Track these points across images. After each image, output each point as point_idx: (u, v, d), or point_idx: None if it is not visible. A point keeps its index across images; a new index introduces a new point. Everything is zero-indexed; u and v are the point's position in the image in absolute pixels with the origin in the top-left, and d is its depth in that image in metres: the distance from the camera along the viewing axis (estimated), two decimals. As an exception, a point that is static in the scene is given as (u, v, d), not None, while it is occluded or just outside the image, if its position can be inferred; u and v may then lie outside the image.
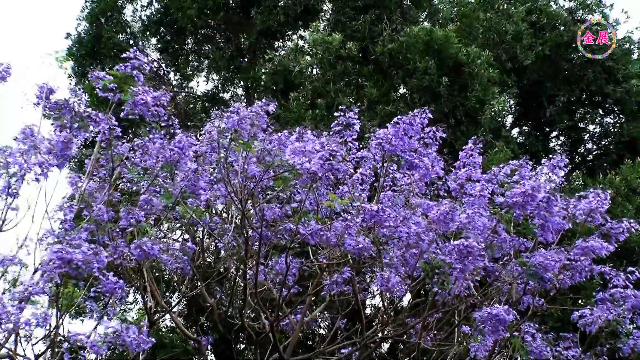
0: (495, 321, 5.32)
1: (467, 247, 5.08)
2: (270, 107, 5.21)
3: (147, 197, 5.35)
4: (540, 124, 13.81)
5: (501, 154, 9.93)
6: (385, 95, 11.33)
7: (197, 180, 5.23)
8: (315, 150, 5.03)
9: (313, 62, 11.53)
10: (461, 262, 5.11)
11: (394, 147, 5.63)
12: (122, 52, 13.00)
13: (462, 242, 5.11)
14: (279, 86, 11.99)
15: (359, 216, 5.11)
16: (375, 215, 5.07)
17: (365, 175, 6.21)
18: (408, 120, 5.60)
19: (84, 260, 4.08)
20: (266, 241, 5.87)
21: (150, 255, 4.77)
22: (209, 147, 5.66)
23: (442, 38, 10.83)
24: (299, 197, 6.07)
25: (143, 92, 4.96)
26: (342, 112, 5.87)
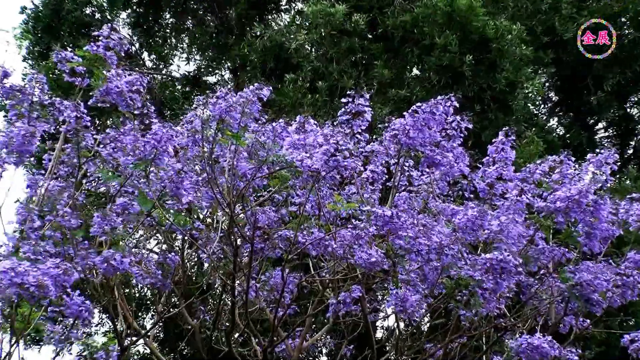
0: (536, 353, 5.28)
1: (501, 262, 5.05)
2: (263, 92, 5.20)
3: (125, 201, 5.35)
4: (583, 111, 13.80)
5: (532, 146, 9.94)
6: (398, 77, 11.33)
7: (181, 181, 5.22)
8: (317, 143, 5.01)
9: (312, 38, 11.51)
10: (494, 280, 5.08)
11: (412, 140, 5.63)
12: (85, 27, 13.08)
13: (496, 256, 5.07)
14: (269, 66, 11.98)
15: (371, 223, 5.08)
16: (388, 222, 5.05)
17: (377, 173, 6.20)
18: (429, 108, 5.59)
19: (37, 284, 4.05)
20: (259, 252, 5.86)
21: (120, 269, 4.77)
22: (190, 139, 5.66)
23: (465, 8, 10.80)
24: (298, 200, 6.07)
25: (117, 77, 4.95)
26: (351, 98, 5.86)
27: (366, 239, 5.07)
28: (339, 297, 5.57)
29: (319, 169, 4.85)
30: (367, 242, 5.09)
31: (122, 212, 5.34)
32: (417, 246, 5.11)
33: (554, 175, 6.07)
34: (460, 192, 6.62)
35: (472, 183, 6.49)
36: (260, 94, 5.20)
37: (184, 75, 14.17)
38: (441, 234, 5.23)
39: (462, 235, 5.42)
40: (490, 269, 5.08)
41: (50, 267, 4.20)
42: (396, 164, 6.01)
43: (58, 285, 4.19)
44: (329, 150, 4.84)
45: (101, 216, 5.06)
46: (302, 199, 5.93)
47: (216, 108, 5.07)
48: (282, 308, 6.25)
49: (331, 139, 4.93)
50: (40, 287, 4.07)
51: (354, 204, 5.58)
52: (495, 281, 5.07)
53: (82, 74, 5.08)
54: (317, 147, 5.04)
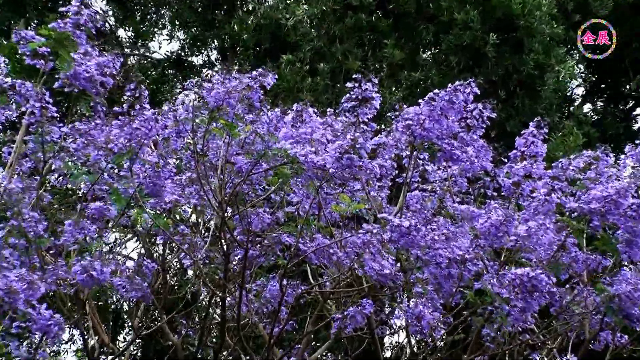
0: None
1: (532, 279, 5.02)
2: (267, 80, 5.19)
3: (101, 206, 5.33)
4: (620, 97, 13.79)
5: (571, 138, 9.93)
6: (410, 58, 11.31)
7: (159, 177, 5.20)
8: (326, 138, 4.99)
9: (313, 13, 11.49)
10: (523, 298, 5.04)
11: (427, 131, 5.62)
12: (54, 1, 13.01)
13: (527, 273, 5.03)
14: (264, 46, 11.95)
15: (385, 232, 5.04)
16: (405, 234, 5.00)
17: (386, 167, 6.19)
18: (447, 96, 5.57)
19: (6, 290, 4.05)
20: (252, 259, 5.85)
21: (100, 280, 4.74)
22: (173, 130, 5.63)
23: (488, -20, 10.84)
24: (296, 199, 6.05)
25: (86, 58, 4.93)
26: (357, 82, 5.84)
27: (378, 246, 5.03)
28: (346, 312, 5.53)
29: (327, 166, 4.78)
30: (378, 250, 5.05)
31: (98, 219, 5.32)
32: (436, 258, 5.08)
33: (590, 172, 6.03)
34: (482, 191, 6.61)
35: (496, 180, 6.47)
36: (264, 80, 5.19)
37: (166, 56, 14.13)
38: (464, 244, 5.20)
39: (484, 242, 5.40)
40: (520, 286, 5.04)
41: (13, 280, 4.18)
42: (408, 157, 6.00)
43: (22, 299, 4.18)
44: (343, 146, 4.79)
45: (73, 223, 5.03)
46: (302, 198, 5.90)
47: (213, 94, 5.04)
48: (278, 323, 6.23)
49: (348, 134, 4.89)
50: (11, 294, 4.09)
51: (361, 204, 5.57)
52: (525, 300, 5.03)
53: (45, 55, 5.04)
54: (325, 142, 5.01)
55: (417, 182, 6.44)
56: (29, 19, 12.45)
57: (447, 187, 6.42)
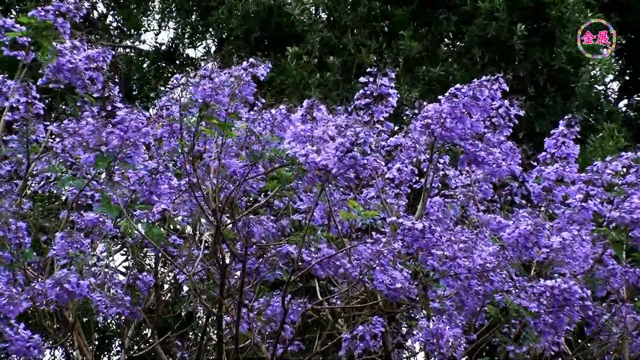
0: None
1: (564, 291, 4.98)
2: (259, 70, 5.15)
3: (96, 218, 5.31)
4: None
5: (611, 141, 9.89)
6: (430, 51, 11.29)
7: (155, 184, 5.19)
8: (328, 135, 4.96)
9: (321, 0, 11.49)
10: (554, 312, 5.01)
11: (449, 131, 5.57)
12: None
13: (558, 284, 5.00)
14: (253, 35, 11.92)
15: (396, 238, 5.00)
16: (419, 238, 4.97)
17: (403, 172, 6.16)
18: (471, 92, 5.53)
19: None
20: (253, 273, 5.83)
21: (77, 295, 4.71)
22: (165, 130, 5.62)
23: (515, -36, 10.82)
24: (303, 206, 6.04)
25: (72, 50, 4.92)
26: (371, 77, 5.82)
27: (390, 257, 4.99)
28: (355, 332, 5.50)
29: (330, 166, 4.76)
30: (390, 261, 5.01)
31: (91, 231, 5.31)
32: (455, 269, 5.04)
33: (629, 176, 5.99)
34: (509, 198, 6.58)
35: (525, 186, 6.44)
36: (256, 72, 5.16)
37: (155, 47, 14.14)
38: (485, 252, 5.16)
39: (512, 254, 5.36)
40: (551, 299, 5.00)
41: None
42: (428, 161, 5.96)
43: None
44: (344, 144, 4.75)
45: (65, 236, 5.00)
46: (309, 204, 5.88)
47: (199, 90, 5.01)
48: (282, 344, 6.21)
49: (348, 130, 4.85)
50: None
51: (373, 211, 5.54)
52: (556, 314, 5.00)
53: (26, 46, 5.04)
54: (327, 140, 4.97)
55: (437, 189, 6.40)
56: (9, 5, 12.49)
57: (470, 194, 6.39)
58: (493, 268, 5.05)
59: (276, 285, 6.82)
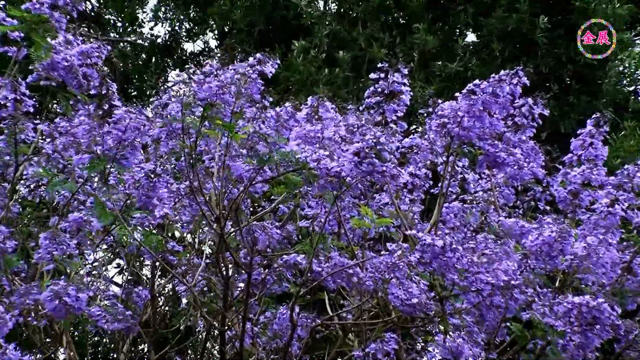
0: None
1: (593, 309, 4.96)
2: (267, 68, 5.16)
3: (80, 217, 5.32)
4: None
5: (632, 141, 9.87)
6: (446, 45, 11.29)
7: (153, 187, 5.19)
8: (340, 137, 4.95)
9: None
10: (582, 332, 4.99)
11: (466, 130, 5.56)
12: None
13: (587, 302, 4.96)
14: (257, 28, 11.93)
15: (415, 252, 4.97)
16: (438, 255, 4.94)
17: (418, 176, 6.16)
18: (491, 88, 5.51)
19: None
20: (258, 284, 5.83)
21: (75, 309, 4.69)
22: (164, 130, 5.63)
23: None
24: (310, 212, 6.03)
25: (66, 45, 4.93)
26: (383, 73, 5.82)
27: (405, 269, 4.97)
28: (367, 349, 5.50)
29: (345, 173, 4.74)
30: (406, 274, 4.99)
31: (76, 233, 5.30)
32: (477, 284, 5.02)
33: (659, 179, 6.00)
34: (532, 203, 6.57)
35: (549, 190, 6.43)
36: (263, 69, 5.16)
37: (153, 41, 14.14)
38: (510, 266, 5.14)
39: (535, 263, 5.35)
40: (579, 317, 4.98)
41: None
42: (445, 163, 5.95)
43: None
44: (363, 148, 4.74)
45: (50, 237, 4.99)
46: (317, 211, 5.88)
47: (204, 88, 5.02)
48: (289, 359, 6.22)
49: (365, 132, 4.83)
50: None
51: (387, 219, 5.53)
52: (585, 334, 4.97)
53: (18, 41, 5.04)
54: (339, 141, 4.96)
55: (455, 193, 6.39)
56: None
57: (490, 199, 6.38)
58: (518, 284, 5.02)
59: (282, 298, 6.82)
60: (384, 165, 4.71)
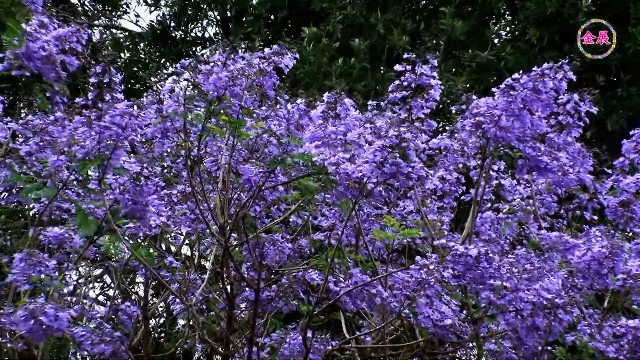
0: None
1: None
2: (286, 60, 5.16)
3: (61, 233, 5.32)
4: None
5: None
6: (476, 32, 11.29)
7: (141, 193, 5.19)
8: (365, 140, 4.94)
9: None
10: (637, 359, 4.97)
11: (504, 131, 5.55)
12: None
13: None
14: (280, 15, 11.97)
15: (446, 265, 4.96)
16: (472, 267, 4.93)
17: (449, 181, 6.16)
18: (532, 83, 5.50)
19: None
20: (265, 303, 5.83)
21: (55, 330, 4.70)
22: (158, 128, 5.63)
23: None
24: (325, 223, 6.03)
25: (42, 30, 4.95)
26: (408, 64, 5.82)
27: (436, 287, 4.96)
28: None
29: (366, 178, 4.72)
30: (437, 293, 4.98)
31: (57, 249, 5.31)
32: (516, 303, 5.01)
33: None
34: (578, 213, 6.56)
35: (597, 198, 6.42)
36: (281, 61, 5.16)
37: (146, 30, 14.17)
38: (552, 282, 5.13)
39: (582, 282, 5.35)
40: (633, 342, 4.97)
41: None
42: (479, 167, 5.94)
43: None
44: (385, 147, 4.72)
45: (25, 258, 4.99)
46: (333, 222, 5.88)
47: (213, 79, 5.00)
48: (301, 390, 6.22)
49: (390, 130, 4.81)
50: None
51: (413, 230, 5.52)
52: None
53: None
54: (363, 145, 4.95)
55: (490, 201, 6.39)
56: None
57: (530, 208, 6.37)
58: (563, 304, 5.01)
59: (291, 318, 6.83)
60: (410, 166, 4.70)
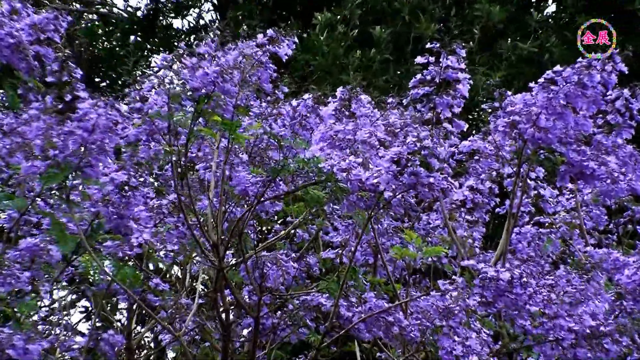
0: None
1: None
2: (282, 48, 5.17)
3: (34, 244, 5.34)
4: None
5: None
6: (516, 19, 11.31)
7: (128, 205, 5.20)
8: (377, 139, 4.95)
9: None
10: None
11: (544, 132, 5.54)
12: None
13: None
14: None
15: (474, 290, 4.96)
16: (505, 292, 4.92)
17: (482, 192, 6.17)
18: (576, 76, 5.50)
19: None
20: (268, 332, 5.84)
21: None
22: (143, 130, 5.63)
23: None
24: (337, 238, 6.04)
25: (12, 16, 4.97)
26: (433, 55, 5.82)
27: (462, 315, 4.94)
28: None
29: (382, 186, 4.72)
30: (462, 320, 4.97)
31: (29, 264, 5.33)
32: (555, 332, 5.01)
33: None
34: (630, 227, 6.56)
35: (652, 213, 6.44)
36: (277, 50, 5.17)
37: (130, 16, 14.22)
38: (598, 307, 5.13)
39: (632, 305, 5.35)
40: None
41: None
42: (515, 175, 5.94)
43: None
44: (402, 153, 4.72)
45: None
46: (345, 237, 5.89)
47: (199, 74, 5.00)
48: None
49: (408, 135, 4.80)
50: None
51: (438, 247, 5.53)
52: None
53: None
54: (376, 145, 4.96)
55: (528, 214, 6.40)
56: None
57: (575, 222, 6.37)
58: (610, 332, 5.01)
59: (298, 349, 6.84)
60: (431, 176, 4.70)
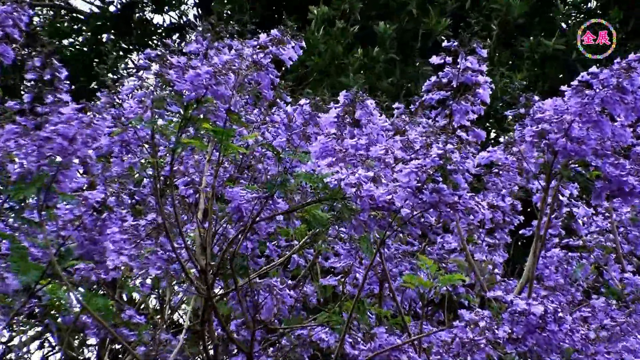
0: None
1: None
2: (289, 51, 5.17)
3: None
4: None
5: None
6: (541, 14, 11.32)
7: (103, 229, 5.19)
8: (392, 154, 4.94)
9: None
10: None
11: (577, 142, 5.54)
12: None
13: None
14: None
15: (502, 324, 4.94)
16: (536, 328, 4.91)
17: (503, 210, 6.16)
18: (614, 79, 5.48)
19: None
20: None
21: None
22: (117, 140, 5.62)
23: None
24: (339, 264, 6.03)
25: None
26: (449, 55, 5.82)
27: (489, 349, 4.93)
28: None
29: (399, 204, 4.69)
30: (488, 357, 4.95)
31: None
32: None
33: None
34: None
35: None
36: (281, 53, 5.16)
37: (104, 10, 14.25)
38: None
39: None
40: None
41: None
42: (543, 191, 5.94)
43: None
44: (425, 168, 4.69)
45: None
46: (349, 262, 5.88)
47: (188, 77, 4.98)
48: None
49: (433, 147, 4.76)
50: None
51: (456, 275, 5.51)
52: None
53: None
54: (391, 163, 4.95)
55: (557, 236, 6.40)
56: None
57: (611, 245, 6.37)
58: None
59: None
60: (457, 194, 4.68)
